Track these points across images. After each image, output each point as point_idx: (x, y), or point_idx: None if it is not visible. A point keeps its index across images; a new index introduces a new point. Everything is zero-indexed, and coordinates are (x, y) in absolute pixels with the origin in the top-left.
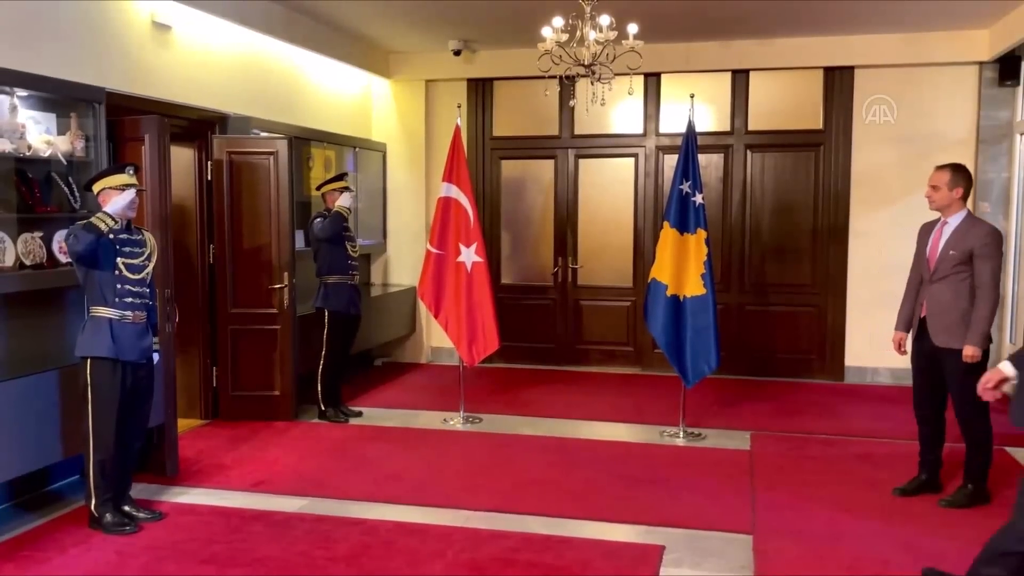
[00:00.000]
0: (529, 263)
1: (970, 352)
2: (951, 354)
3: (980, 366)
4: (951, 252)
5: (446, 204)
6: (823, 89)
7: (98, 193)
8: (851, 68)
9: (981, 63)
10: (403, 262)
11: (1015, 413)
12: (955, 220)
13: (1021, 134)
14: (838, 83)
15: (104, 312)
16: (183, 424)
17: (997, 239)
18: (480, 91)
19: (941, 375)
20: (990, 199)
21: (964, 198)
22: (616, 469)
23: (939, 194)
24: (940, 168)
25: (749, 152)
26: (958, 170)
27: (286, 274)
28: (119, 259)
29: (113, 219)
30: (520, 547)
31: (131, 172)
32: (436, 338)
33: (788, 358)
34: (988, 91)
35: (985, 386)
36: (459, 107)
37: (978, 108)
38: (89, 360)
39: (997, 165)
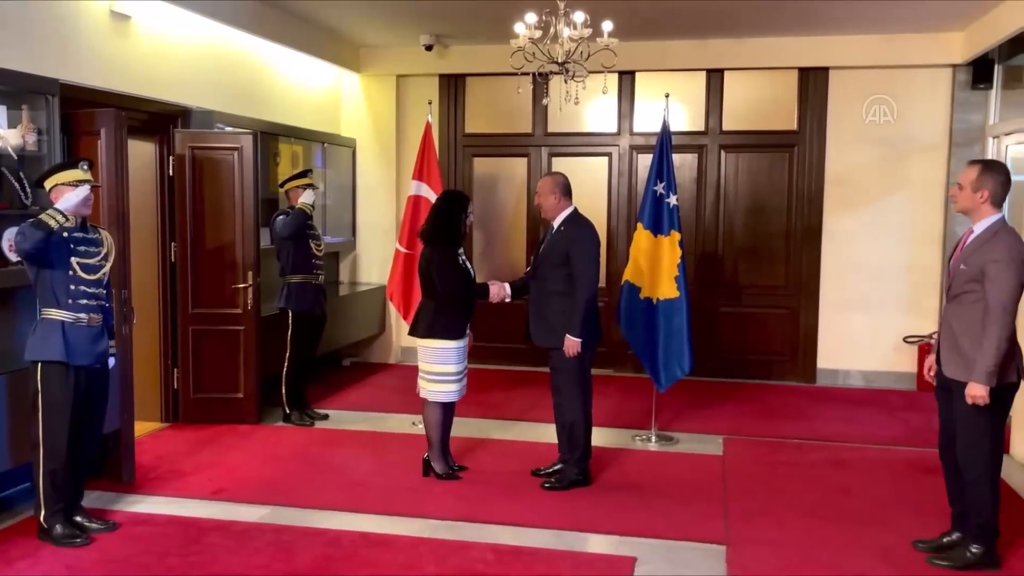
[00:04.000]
0: (501, 262)
1: (972, 392)
2: (959, 387)
3: (993, 408)
4: (962, 267)
5: (416, 202)
6: (798, 90)
7: (50, 189)
8: (826, 69)
9: (954, 66)
10: (372, 260)
11: None
12: (979, 228)
13: (993, 137)
14: (813, 84)
15: (56, 314)
16: (141, 427)
17: (1014, 256)
18: (452, 87)
19: None
20: None
21: (995, 203)
22: None
23: (963, 195)
24: (970, 164)
25: (723, 152)
26: (988, 169)
27: (251, 273)
28: (73, 259)
29: (65, 216)
30: (488, 559)
31: (85, 168)
32: (406, 338)
33: (760, 360)
34: (961, 94)
35: None
36: (430, 103)
37: (951, 111)
38: (40, 364)
39: None
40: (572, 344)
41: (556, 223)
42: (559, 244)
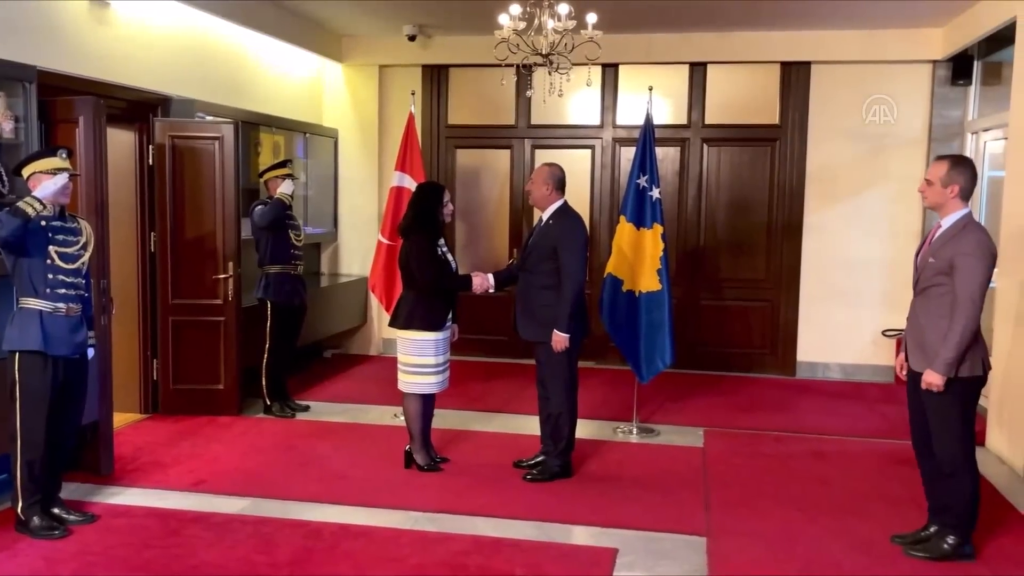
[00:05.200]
0: (484, 254)
1: (928, 379)
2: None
3: (963, 401)
4: (931, 260)
5: (399, 194)
6: (780, 84)
7: (28, 178)
8: (808, 64)
9: (935, 62)
10: (354, 251)
11: None
12: (947, 223)
13: (972, 133)
14: (795, 78)
15: (34, 304)
16: (120, 418)
17: (983, 250)
18: (435, 78)
19: None
20: None
21: (963, 197)
22: None
23: (932, 190)
24: (939, 159)
25: (706, 146)
26: (957, 164)
27: (231, 264)
28: (51, 248)
29: (43, 204)
30: (470, 550)
31: (64, 156)
32: (387, 330)
33: (741, 353)
34: (941, 90)
35: None
36: (413, 94)
37: (931, 107)
38: (17, 355)
39: None
40: (560, 339)
41: (545, 215)
42: (546, 238)
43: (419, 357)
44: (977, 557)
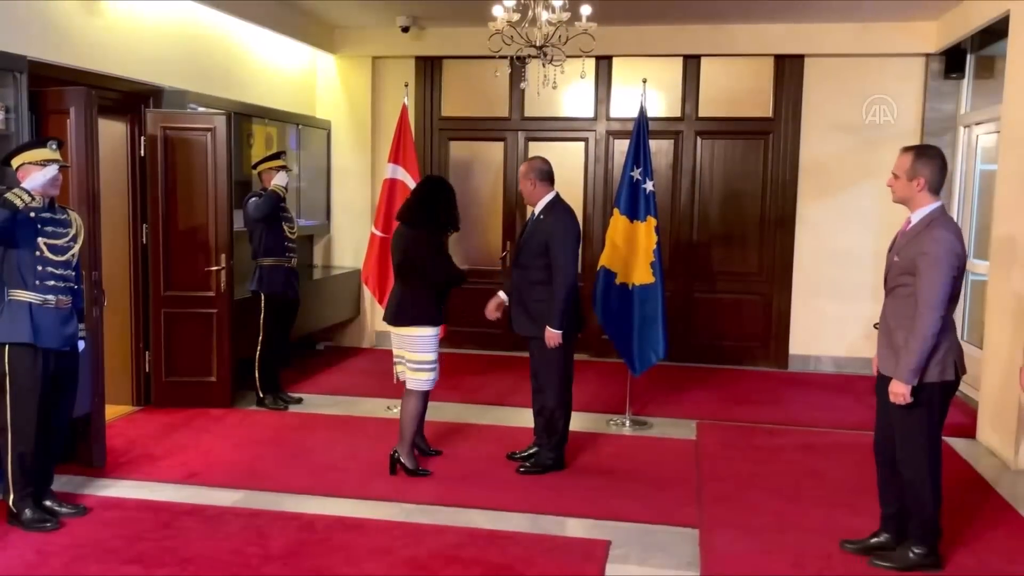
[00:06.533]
0: (477, 246)
1: (893, 389)
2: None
3: (931, 406)
4: (895, 259)
5: (392, 186)
6: (773, 77)
7: (17, 168)
8: (801, 57)
9: (928, 55)
10: (347, 244)
11: None
12: (916, 218)
13: (965, 127)
14: (788, 71)
15: (24, 296)
16: (112, 411)
17: (947, 249)
18: (429, 70)
19: None
20: None
21: (932, 190)
22: None
23: (898, 184)
24: (904, 151)
25: (699, 139)
26: (922, 154)
27: (224, 256)
28: (40, 239)
29: (31, 195)
30: (463, 542)
31: (54, 147)
32: (381, 323)
33: (734, 345)
34: (934, 83)
35: None
36: (406, 86)
37: (924, 100)
38: (7, 347)
39: None
40: (552, 336)
41: (536, 210)
42: (538, 234)
43: (427, 353)
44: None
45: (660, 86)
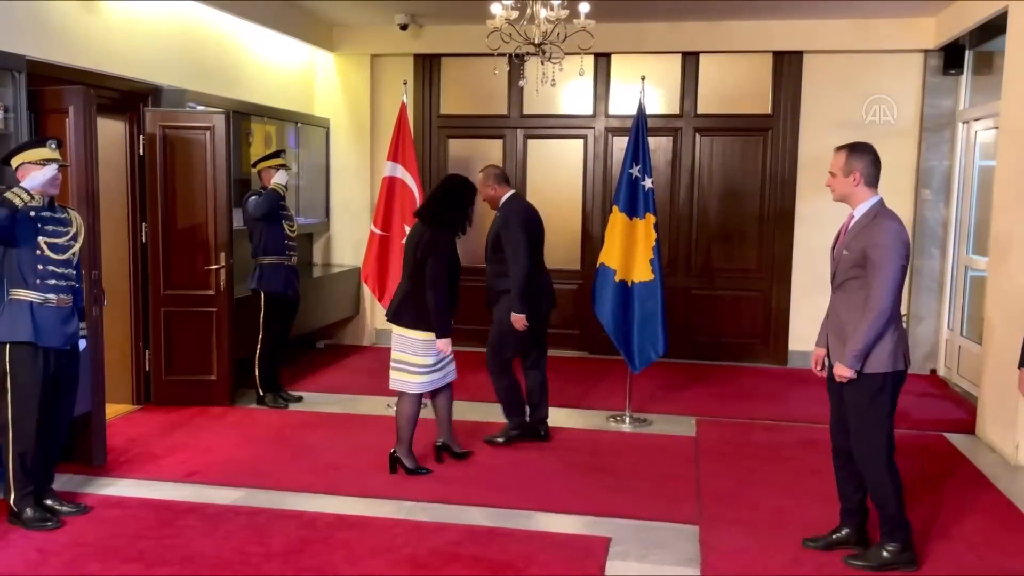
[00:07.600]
0: (475, 244)
1: (838, 371)
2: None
3: (883, 396)
4: (844, 252)
5: (391, 184)
6: (772, 74)
7: (16, 168)
8: (800, 53)
9: (926, 51)
10: (346, 242)
11: None
12: (859, 212)
13: (964, 123)
14: (787, 68)
15: (24, 295)
16: (113, 409)
17: (895, 240)
18: (427, 67)
19: None
20: (931, 187)
21: (868, 184)
22: (562, 456)
23: (836, 182)
24: (837, 150)
25: (698, 136)
26: (855, 151)
27: (223, 254)
28: (40, 238)
29: (30, 194)
30: (463, 540)
31: (53, 146)
32: (380, 320)
33: (733, 342)
34: (932, 79)
35: None
36: (405, 83)
37: (922, 96)
38: (8, 346)
39: (939, 153)
40: (517, 319)
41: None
42: (494, 228)
43: (413, 356)
44: (967, 545)
45: (659, 83)
